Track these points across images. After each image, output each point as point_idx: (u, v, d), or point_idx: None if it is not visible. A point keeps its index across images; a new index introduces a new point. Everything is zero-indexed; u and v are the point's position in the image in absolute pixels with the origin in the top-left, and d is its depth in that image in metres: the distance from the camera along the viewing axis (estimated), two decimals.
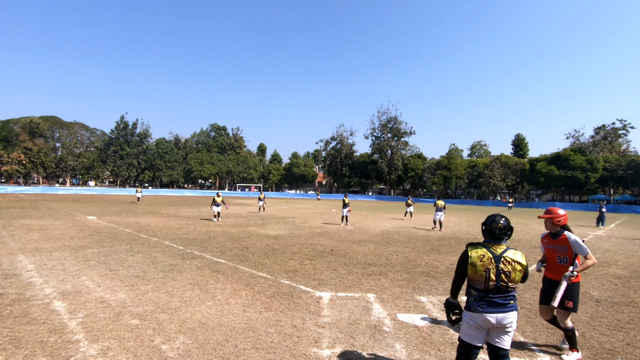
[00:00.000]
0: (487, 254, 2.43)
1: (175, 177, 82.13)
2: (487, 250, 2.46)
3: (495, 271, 2.39)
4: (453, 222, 19.55)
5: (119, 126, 78.92)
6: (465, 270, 2.49)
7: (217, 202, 16.47)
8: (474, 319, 2.45)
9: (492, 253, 2.44)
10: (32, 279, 5.67)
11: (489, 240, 2.54)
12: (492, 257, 2.42)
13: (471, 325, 2.47)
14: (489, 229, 2.52)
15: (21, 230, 11.39)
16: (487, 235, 2.55)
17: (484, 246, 2.50)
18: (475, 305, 2.45)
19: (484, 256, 2.43)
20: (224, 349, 3.43)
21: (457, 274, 2.58)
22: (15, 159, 66.98)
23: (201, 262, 7.36)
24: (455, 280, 2.61)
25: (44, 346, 3.37)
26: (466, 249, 2.53)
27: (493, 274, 2.39)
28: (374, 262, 7.81)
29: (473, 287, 2.49)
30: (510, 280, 2.39)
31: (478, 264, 2.42)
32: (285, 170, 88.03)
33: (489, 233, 2.53)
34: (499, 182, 59.73)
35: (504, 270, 2.39)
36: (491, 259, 2.41)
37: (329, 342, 3.67)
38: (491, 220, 2.54)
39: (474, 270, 2.43)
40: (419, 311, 4.72)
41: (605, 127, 57.22)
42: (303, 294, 5.32)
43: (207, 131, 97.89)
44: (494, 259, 2.41)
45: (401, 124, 70.52)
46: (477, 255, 2.44)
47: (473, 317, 2.45)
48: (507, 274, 2.38)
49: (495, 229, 2.49)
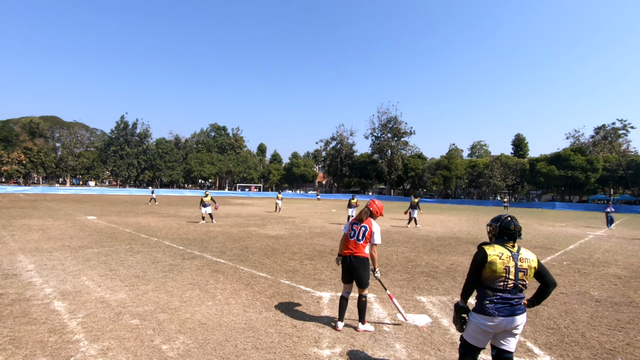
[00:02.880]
0: (506, 252, 2.39)
1: (175, 177, 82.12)
2: (504, 248, 2.42)
3: (515, 270, 2.35)
4: (453, 222, 19.54)
5: (119, 126, 78.91)
6: (482, 271, 2.40)
7: (206, 203, 15.01)
8: (485, 323, 2.37)
9: (509, 251, 2.40)
10: (32, 279, 5.67)
11: (501, 240, 2.49)
12: (511, 255, 2.38)
13: (480, 329, 2.39)
14: (506, 231, 2.47)
15: (21, 230, 11.39)
16: (502, 236, 2.49)
17: (500, 244, 2.45)
18: (491, 309, 2.35)
19: (502, 254, 2.38)
20: (224, 349, 3.43)
21: (472, 275, 2.46)
22: (15, 159, 66.97)
23: (201, 262, 7.36)
24: (468, 281, 2.49)
25: (44, 346, 3.37)
26: (482, 248, 2.46)
27: (512, 273, 2.35)
28: None
29: (489, 288, 2.40)
30: (527, 279, 2.37)
31: (498, 262, 2.35)
32: (285, 170, 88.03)
33: (507, 235, 2.47)
34: (499, 182, 59.71)
35: (522, 267, 2.36)
36: (510, 257, 2.37)
37: (329, 342, 3.68)
38: (507, 223, 2.49)
39: (492, 269, 2.35)
40: (419, 311, 4.72)
41: (605, 127, 57.24)
42: (303, 294, 5.32)
43: (207, 131, 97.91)
44: (512, 257, 2.38)
45: (401, 124, 70.57)
46: (496, 254, 2.38)
47: (485, 320, 2.37)
48: (525, 272, 2.36)
49: (514, 231, 2.45)
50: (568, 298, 5.55)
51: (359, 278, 3.96)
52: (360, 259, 3.96)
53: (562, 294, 5.75)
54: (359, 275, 3.96)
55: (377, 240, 3.99)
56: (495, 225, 2.54)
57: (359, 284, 3.98)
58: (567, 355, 3.56)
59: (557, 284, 2.64)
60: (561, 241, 12.59)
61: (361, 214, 4.15)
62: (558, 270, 7.63)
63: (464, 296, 2.54)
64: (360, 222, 4.07)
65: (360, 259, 3.96)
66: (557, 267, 7.92)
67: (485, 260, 2.38)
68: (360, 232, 4.02)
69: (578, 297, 5.59)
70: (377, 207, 4.21)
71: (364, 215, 4.11)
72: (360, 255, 3.97)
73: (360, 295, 3.98)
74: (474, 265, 2.45)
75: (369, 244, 4.01)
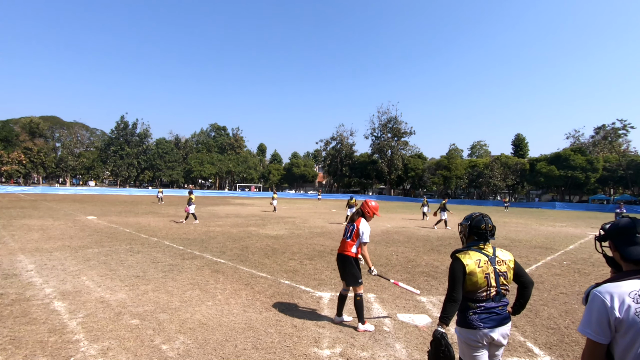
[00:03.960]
0: (483, 257, 2.14)
1: (175, 177, 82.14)
2: (480, 253, 2.16)
3: (494, 275, 2.12)
4: (453, 222, 19.53)
5: (119, 126, 78.93)
6: (463, 283, 2.10)
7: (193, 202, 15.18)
8: (471, 337, 2.11)
9: (486, 255, 2.16)
10: (32, 279, 5.67)
11: (473, 242, 2.24)
12: (488, 260, 2.14)
13: (471, 345, 2.12)
14: (477, 230, 2.22)
15: (21, 230, 11.40)
16: (474, 237, 2.25)
17: (475, 250, 2.19)
18: (476, 320, 2.09)
19: (480, 260, 2.12)
20: (224, 349, 3.43)
21: (454, 291, 2.10)
22: (15, 159, 66.98)
23: (201, 262, 7.36)
24: (450, 299, 2.10)
25: (44, 346, 3.37)
26: (456, 257, 2.17)
27: (493, 279, 2.11)
28: (374, 262, 7.80)
29: (471, 300, 2.13)
30: (509, 282, 2.16)
31: (477, 271, 2.09)
32: (285, 170, 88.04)
33: (477, 235, 2.23)
34: (499, 182, 59.72)
35: (501, 271, 2.14)
36: (487, 262, 2.13)
37: (329, 342, 3.68)
38: (477, 221, 2.23)
39: (473, 281, 2.09)
40: (419, 311, 4.72)
41: (605, 127, 57.23)
42: (303, 294, 5.32)
43: (207, 131, 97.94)
44: (490, 262, 2.14)
45: (401, 124, 70.57)
46: (473, 262, 2.11)
47: (471, 334, 2.11)
48: (505, 276, 2.14)
49: (485, 230, 2.20)
50: (568, 298, 5.55)
51: (343, 276, 4.15)
52: (345, 257, 4.09)
53: (562, 294, 5.74)
54: (343, 274, 4.14)
55: (365, 239, 4.05)
56: (466, 225, 2.28)
57: (345, 282, 4.13)
58: (567, 355, 3.56)
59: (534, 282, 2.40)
60: (561, 241, 12.59)
61: (353, 214, 4.30)
62: (558, 270, 7.63)
63: (445, 320, 2.09)
64: (352, 222, 4.20)
65: (345, 257, 4.09)
66: (557, 267, 7.92)
67: (463, 271, 2.10)
68: (349, 230, 4.16)
69: (578, 297, 5.59)
70: (370, 207, 4.26)
71: (355, 215, 4.24)
72: (345, 253, 4.08)
73: (354, 295, 4.02)
74: (453, 279, 2.12)
75: (356, 244, 4.09)
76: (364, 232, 4.06)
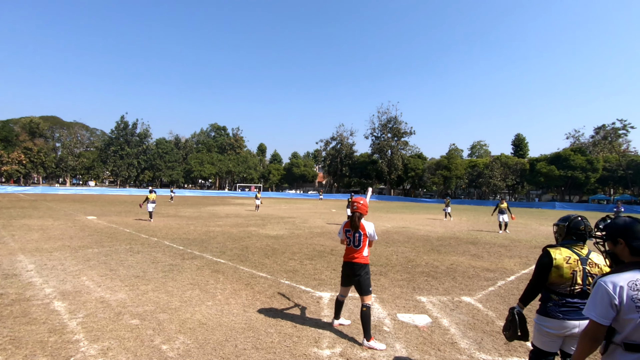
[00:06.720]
0: (573, 256, 2.25)
1: (175, 177, 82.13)
2: (572, 251, 2.27)
3: (582, 274, 2.21)
4: (453, 222, 19.54)
5: (119, 126, 78.96)
6: (547, 275, 2.26)
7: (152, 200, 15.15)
8: (550, 325, 2.25)
9: (577, 255, 2.26)
10: (32, 279, 5.68)
11: (569, 241, 2.35)
12: (579, 259, 2.24)
13: (545, 332, 2.27)
14: (576, 231, 2.32)
15: (21, 230, 11.40)
16: (573, 237, 2.34)
17: (567, 247, 2.30)
18: (555, 311, 2.23)
19: (569, 258, 2.24)
20: (224, 349, 3.43)
21: (537, 280, 2.31)
22: (15, 159, 67.01)
23: (201, 262, 7.36)
24: (532, 286, 2.33)
25: (44, 346, 3.37)
26: (547, 250, 2.32)
27: (580, 277, 2.21)
28: (374, 262, 7.80)
29: (554, 292, 2.27)
30: None
31: (564, 266, 2.22)
32: (285, 170, 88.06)
33: (575, 235, 2.33)
34: (499, 182, 59.72)
35: (591, 272, 2.22)
36: (577, 261, 2.24)
37: (329, 342, 3.68)
38: (577, 222, 2.34)
39: (559, 274, 2.23)
40: (419, 311, 4.72)
41: (605, 127, 57.21)
42: (303, 294, 5.32)
43: (207, 131, 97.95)
44: (581, 261, 2.24)
45: (401, 124, 70.58)
46: (563, 257, 2.24)
47: (550, 322, 2.25)
48: (594, 277, 2.19)
49: (583, 231, 2.30)
50: None
51: (359, 284, 3.77)
52: (361, 265, 3.80)
53: None
54: (359, 282, 3.77)
55: (375, 237, 3.90)
56: (563, 225, 2.40)
57: (360, 291, 3.76)
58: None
59: None
60: None
61: (354, 221, 3.87)
62: None
63: (524, 301, 2.39)
64: (355, 229, 3.85)
65: (361, 265, 3.80)
66: None
67: (551, 264, 2.25)
68: (356, 239, 3.85)
69: None
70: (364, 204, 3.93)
71: (357, 221, 3.85)
72: (360, 262, 3.80)
73: (362, 305, 3.68)
74: (538, 268, 2.31)
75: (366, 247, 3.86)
76: (371, 232, 3.86)
